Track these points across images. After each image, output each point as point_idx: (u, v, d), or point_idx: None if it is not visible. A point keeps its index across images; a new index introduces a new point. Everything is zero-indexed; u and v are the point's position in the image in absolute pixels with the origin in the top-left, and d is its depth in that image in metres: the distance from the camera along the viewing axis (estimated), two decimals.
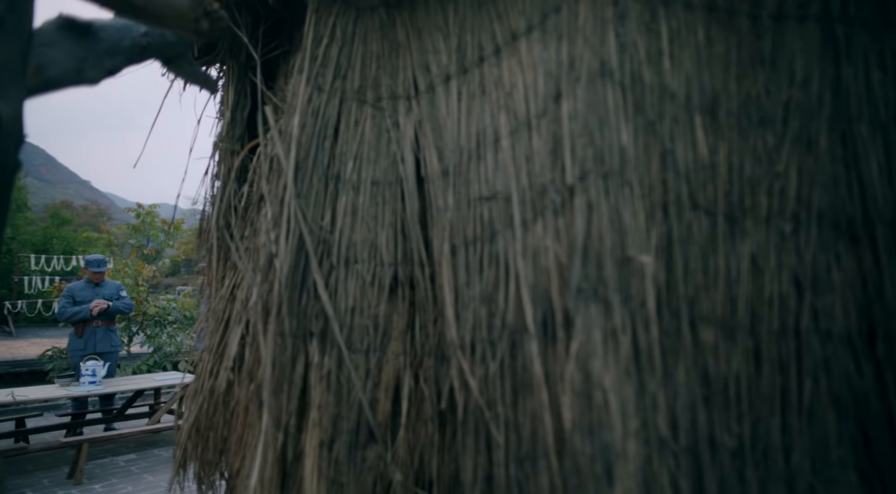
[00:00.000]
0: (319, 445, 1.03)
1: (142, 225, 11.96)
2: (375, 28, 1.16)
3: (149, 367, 9.17)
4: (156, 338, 10.02)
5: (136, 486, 4.49)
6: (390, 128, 1.12)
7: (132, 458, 5.30)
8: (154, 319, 10.30)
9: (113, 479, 4.68)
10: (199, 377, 1.39)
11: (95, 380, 5.35)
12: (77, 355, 5.91)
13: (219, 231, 1.45)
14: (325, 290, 1.05)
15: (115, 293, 6.23)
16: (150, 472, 4.86)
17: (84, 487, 4.44)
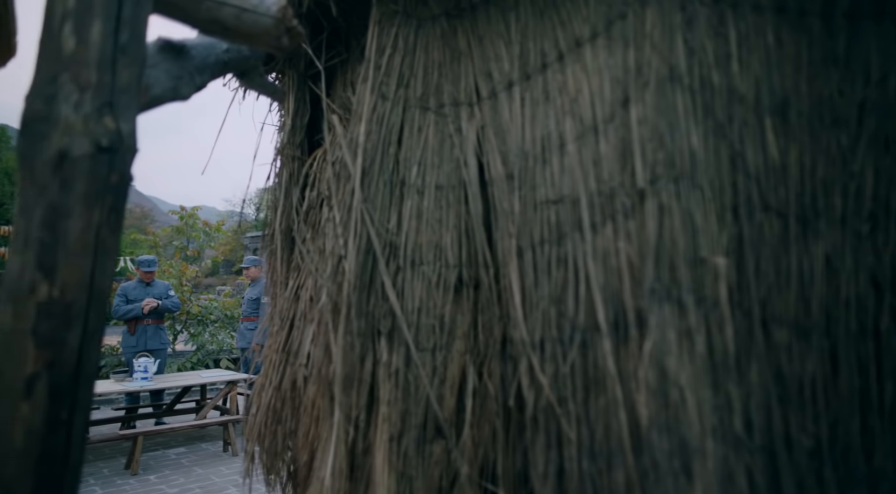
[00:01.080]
0: (389, 439, 1.07)
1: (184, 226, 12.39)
2: (437, 37, 1.20)
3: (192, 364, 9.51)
4: (199, 336, 10.35)
5: (187, 478, 4.68)
6: (453, 133, 1.16)
7: (182, 451, 5.52)
8: (197, 318, 10.65)
9: (166, 470, 4.88)
10: (266, 373, 1.46)
11: (147, 376, 5.60)
12: (130, 352, 6.20)
13: (282, 234, 1.52)
14: (392, 291, 1.10)
15: (164, 292, 6.51)
16: (199, 465, 5.05)
17: (140, 477, 4.66)
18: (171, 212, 12.65)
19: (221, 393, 5.91)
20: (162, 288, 6.52)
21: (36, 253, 0.70)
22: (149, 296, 6.23)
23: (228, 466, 5.03)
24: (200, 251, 13.85)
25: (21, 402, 0.70)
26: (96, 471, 4.85)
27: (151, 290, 6.35)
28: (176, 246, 12.74)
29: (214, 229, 11.96)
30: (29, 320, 0.70)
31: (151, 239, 12.51)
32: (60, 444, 0.73)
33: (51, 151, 0.69)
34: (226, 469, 4.92)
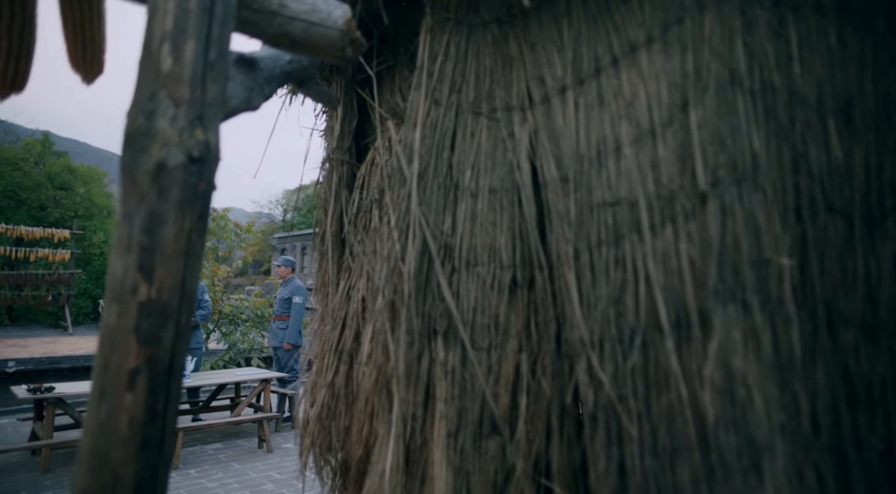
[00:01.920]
0: (447, 435, 1.11)
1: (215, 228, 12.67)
2: (488, 43, 1.23)
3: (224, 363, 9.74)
4: (230, 336, 10.57)
5: (225, 473, 4.81)
6: (506, 137, 1.19)
7: (219, 447, 5.67)
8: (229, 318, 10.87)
9: (205, 465, 5.03)
10: (319, 371, 1.51)
11: (186, 374, 5.77)
12: None
13: (333, 236, 1.57)
14: (449, 292, 1.13)
15: (199, 294, 6.69)
16: (236, 461, 5.19)
17: (181, 471, 4.81)
18: None
19: (255, 391, 6.05)
20: (199, 289, 6.71)
21: (137, 257, 0.75)
22: None
23: (264, 462, 5.15)
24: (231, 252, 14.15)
25: (125, 394, 0.75)
26: None
27: None
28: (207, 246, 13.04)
29: (245, 230, 12.21)
30: (132, 318, 0.75)
31: None
32: (157, 433, 0.78)
33: (150, 163, 0.74)
34: (261, 465, 5.04)
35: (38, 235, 16.86)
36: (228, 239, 12.44)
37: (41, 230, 17.02)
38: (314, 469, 1.63)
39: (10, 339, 15.33)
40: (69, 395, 5.07)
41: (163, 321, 0.77)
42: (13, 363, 11.99)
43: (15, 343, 14.67)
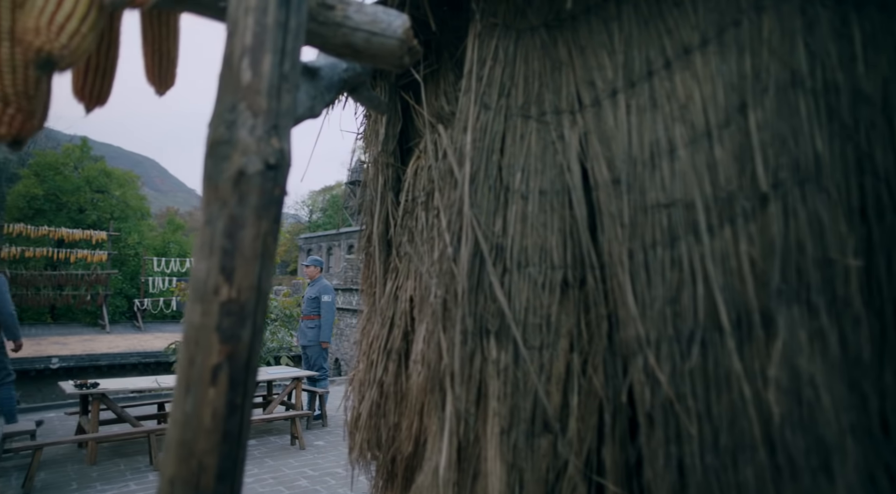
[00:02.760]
0: (500, 432, 1.13)
1: None
2: (536, 47, 1.25)
3: None
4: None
5: (260, 469, 4.93)
6: (555, 140, 1.20)
7: (253, 443, 5.80)
8: None
9: None
10: (367, 369, 1.55)
11: None
12: None
13: (379, 238, 1.61)
14: (501, 292, 1.16)
15: None
16: (269, 457, 5.30)
17: None
18: None
19: (287, 389, 6.17)
20: None
21: (219, 259, 0.80)
22: None
23: (297, 459, 5.25)
24: None
25: (209, 388, 0.80)
26: None
27: None
28: None
29: None
30: (214, 317, 0.80)
31: None
32: (236, 426, 0.83)
33: (232, 170, 0.79)
34: (294, 462, 5.14)
35: (78, 237, 17.51)
36: None
37: (80, 232, 17.68)
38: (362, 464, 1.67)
39: (52, 337, 15.96)
40: (111, 391, 5.26)
41: (242, 320, 0.81)
42: (56, 359, 12.49)
43: (57, 340, 15.26)
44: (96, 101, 0.96)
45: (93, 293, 17.99)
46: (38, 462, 4.24)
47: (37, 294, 17.00)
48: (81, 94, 0.95)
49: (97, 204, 21.20)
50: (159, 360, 13.41)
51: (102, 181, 21.36)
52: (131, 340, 16.00)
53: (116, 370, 13.24)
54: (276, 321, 11.19)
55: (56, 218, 19.88)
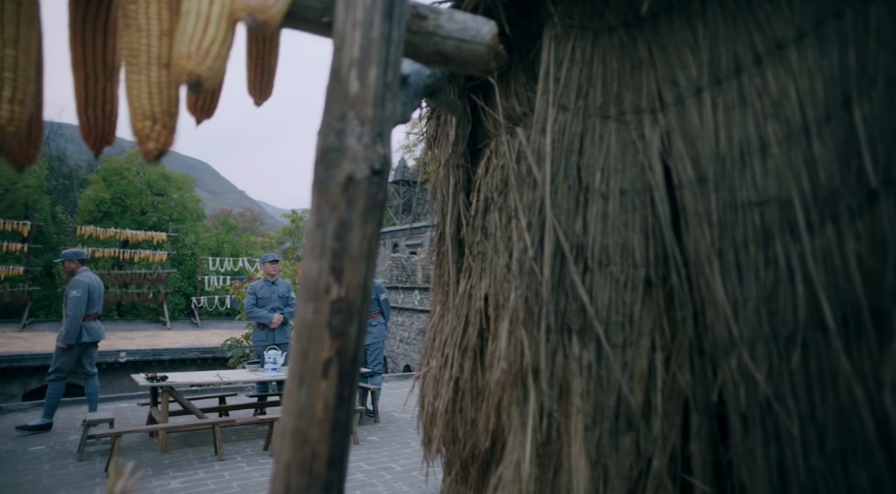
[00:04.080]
0: (584, 429, 1.14)
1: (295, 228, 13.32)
2: (614, 48, 1.25)
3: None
4: None
5: None
6: (636, 140, 1.20)
7: None
8: None
9: None
10: (442, 366, 1.59)
11: (276, 367, 6.15)
12: (260, 345, 6.82)
13: (451, 237, 1.65)
14: (584, 291, 1.17)
15: (286, 292, 7.06)
16: None
17: None
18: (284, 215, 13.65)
19: None
20: (284, 287, 7.08)
21: (329, 260, 0.85)
22: (274, 295, 6.82)
23: (352, 453, 5.39)
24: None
25: (321, 381, 0.85)
26: (240, 450, 5.41)
27: (276, 288, 6.93)
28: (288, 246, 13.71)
29: None
30: (325, 315, 0.85)
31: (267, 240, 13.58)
32: (344, 417, 0.88)
33: (342, 176, 0.84)
34: (350, 456, 5.28)
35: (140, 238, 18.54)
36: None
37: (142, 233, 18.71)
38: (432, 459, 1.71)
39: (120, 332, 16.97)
40: (178, 384, 5.55)
41: (350, 317, 0.86)
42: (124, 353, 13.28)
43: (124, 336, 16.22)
44: (206, 115, 1.04)
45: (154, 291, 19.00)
46: (117, 449, 4.54)
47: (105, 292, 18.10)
48: (194, 109, 1.03)
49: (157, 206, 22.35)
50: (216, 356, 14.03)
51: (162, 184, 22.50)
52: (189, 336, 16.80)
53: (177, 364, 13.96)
54: None
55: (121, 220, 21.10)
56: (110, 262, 19.15)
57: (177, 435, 5.74)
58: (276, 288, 6.95)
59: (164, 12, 0.76)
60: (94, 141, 0.97)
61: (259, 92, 1.10)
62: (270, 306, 6.81)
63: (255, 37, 1.02)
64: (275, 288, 6.94)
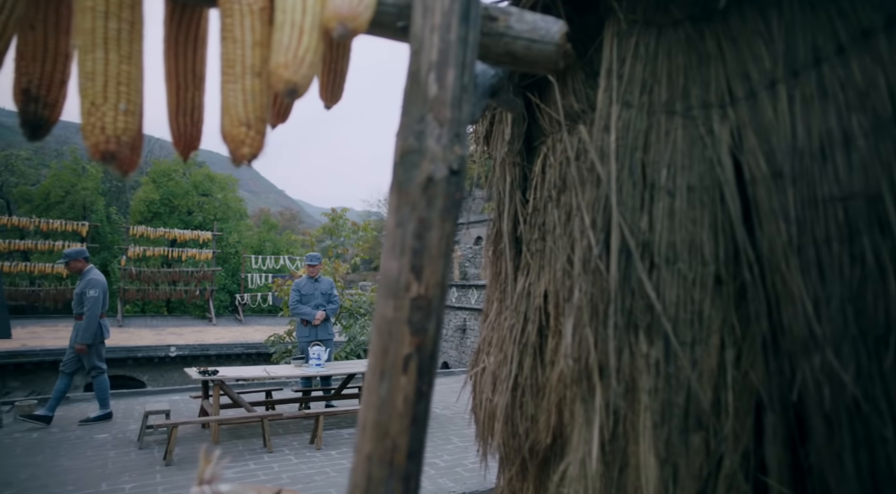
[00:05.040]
0: (653, 427, 1.14)
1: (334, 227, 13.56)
2: (680, 42, 1.24)
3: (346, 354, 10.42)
4: (350, 328, 11.24)
5: None
6: (704, 135, 1.18)
7: (353, 432, 6.11)
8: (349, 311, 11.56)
9: (343, 448, 5.46)
10: (501, 364, 1.60)
11: (320, 363, 6.29)
12: (304, 341, 7.01)
13: (508, 235, 1.66)
14: (651, 288, 1.16)
15: (328, 289, 7.21)
16: None
17: (324, 452, 5.27)
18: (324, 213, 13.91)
19: None
20: (327, 284, 7.23)
21: (409, 259, 0.88)
22: (317, 292, 6.99)
23: None
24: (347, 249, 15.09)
25: (401, 376, 0.88)
26: (287, 443, 5.58)
27: (319, 286, 7.09)
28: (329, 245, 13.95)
29: (362, 229, 12.96)
30: (405, 312, 0.88)
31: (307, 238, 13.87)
32: (422, 411, 0.91)
33: (421, 177, 0.86)
34: None
35: (187, 237, 19.29)
36: (348, 237, 13.25)
37: (189, 232, 19.45)
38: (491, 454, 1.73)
39: (169, 328, 17.72)
40: (227, 378, 5.76)
41: (429, 314, 0.89)
42: (174, 348, 13.86)
43: (174, 331, 16.92)
44: (282, 119, 1.09)
45: (201, 288, 19.72)
46: (175, 439, 4.75)
47: (156, 289, 18.93)
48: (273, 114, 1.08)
49: (203, 206, 23.17)
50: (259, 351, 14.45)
51: (207, 185, 23.32)
52: (234, 332, 17.37)
53: (223, 359, 14.45)
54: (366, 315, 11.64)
55: (169, 220, 21.99)
56: (160, 261, 19.99)
57: (227, 427, 5.96)
58: (318, 285, 7.11)
59: (258, 24, 0.80)
60: (184, 146, 1.03)
61: (331, 96, 1.14)
62: (313, 303, 6.98)
63: (330, 43, 1.05)
64: (317, 285, 7.10)
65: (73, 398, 7.43)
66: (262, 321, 20.31)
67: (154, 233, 18.50)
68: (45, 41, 0.84)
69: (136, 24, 0.78)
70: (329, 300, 7.13)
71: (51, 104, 0.85)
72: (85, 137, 0.76)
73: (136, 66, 0.78)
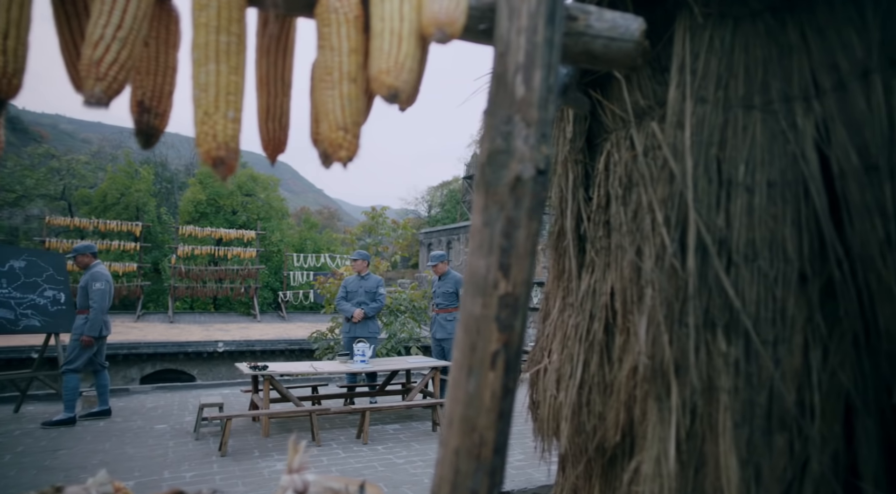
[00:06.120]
0: (734, 427, 1.12)
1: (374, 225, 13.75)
2: (759, 34, 1.21)
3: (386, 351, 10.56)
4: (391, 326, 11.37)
5: (408, 451, 5.26)
6: (786, 129, 1.16)
7: (397, 428, 6.20)
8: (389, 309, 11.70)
9: (389, 443, 5.55)
10: (566, 361, 1.61)
11: (365, 359, 6.40)
12: (346, 336, 7.15)
13: (572, 233, 1.66)
14: (730, 286, 1.14)
15: (373, 287, 7.31)
16: (415, 441, 5.63)
17: (370, 446, 5.37)
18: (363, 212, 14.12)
19: (426, 378, 6.49)
20: (373, 282, 7.33)
21: (497, 257, 0.90)
22: (362, 290, 7.11)
23: None
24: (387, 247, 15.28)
25: (489, 372, 0.90)
26: (335, 438, 5.71)
27: (364, 284, 7.21)
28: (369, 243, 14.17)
29: (401, 227, 13.10)
30: (493, 309, 0.90)
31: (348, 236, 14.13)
32: (508, 406, 0.93)
33: (509, 177, 0.88)
34: None
35: (232, 236, 19.95)
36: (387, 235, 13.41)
37: (234, 231, 20.12)
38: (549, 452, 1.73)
39: (217, 324, 18.38)
40: (276, 373, 5.94)
41: (516, 311, 0.91)
42: (221, 343, 14.39)
43: (221, 327, 17.55)
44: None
45: (245, 286, 20.36)
46: (229, 431, 4.94)
47: (203, 286, 19.66)
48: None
49: (246, 206, 23.90)
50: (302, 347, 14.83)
51: (250, 185, 24.04)
52: (278, 329, 17.87)
53: (268, 354, 14.90)
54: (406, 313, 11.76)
55: (215, 220, 22.79)
56: (207, 259, 20.74)
57: (276, 421, 6.14)
58: (364, 283, 7.22)
59: (353, 33, 0.83)
60: (272, 150, 1.08)
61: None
62: (356, 300, 7.11)
63: None
64: (363, 283, 7.21)
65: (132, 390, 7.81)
66: (304, 318, 20.81)
67: (201, 233, 19.22)
68: (157, 56, 0.90)
69: (241, 37, 0.83)
70: (373, 298, 7.23)
71: (161, 114, 0.91)
72: (198, 144, 0.81)
73: (242, 76, 0.83)
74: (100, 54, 0.74)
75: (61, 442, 5.15)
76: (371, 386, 7.58)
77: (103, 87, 0.75)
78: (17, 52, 0.71)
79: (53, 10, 0.88)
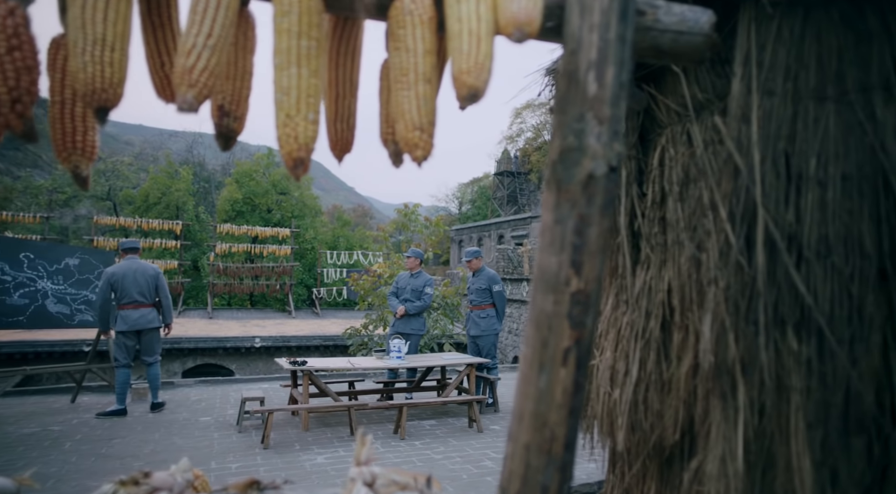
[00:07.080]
0: (807, 428, 1.09)
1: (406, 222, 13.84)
2: (833, 22, 1.17)
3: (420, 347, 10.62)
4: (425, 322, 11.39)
5: (445, 447, 5.30)
6: (863, 121, 1.12)
7: (433, 424, 6.25)
8: None
9: (426, 439, 5.60)
10: (621, 358, 1.59)
11: (400, 356, 6.46)
12: (391, 332, 7.24)
13: (626, 229, 1.64)
14: (801, 283, 1.11)
15: (421, 285, 7.34)
16: (452, 437, 5.67)
17: (408, 442, 5.43)
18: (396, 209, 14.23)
19: (461, 374, 6.51)
20: (421, 281, 7.35)
21: (569, 254, 0.90)
22: (408, 287, 7.18)
23: (478, 440, 5.54)
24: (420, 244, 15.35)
25: (560, 368, 0.91)
26: (372, 433, 5.79)
27: (413, 281, 7.27)
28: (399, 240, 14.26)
29: (434, 224, 13.15)
30: (565, 306, 0.90)
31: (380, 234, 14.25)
32: (578, 402, 0.93)
33: (582, 174, 0.88)
34: (476, 443, 5.43)
35: (268, 234, 20.42)
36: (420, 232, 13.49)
37: (269, 229, 20.58)
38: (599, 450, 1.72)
39: (253, 320, 18.87)
40: (314, 368, 6.06)
41: (587, 308, 0.91)
42: (258, 339, 14.76)
43: (257, 323, 18.00)
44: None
45: (280, 283, 20.82)
46: (271, 424, 5.08)
47: (240, 283, 20.20)
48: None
49: (281, 204, 24.41)
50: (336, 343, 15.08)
51: (284, 184, 24.54)
52: (312, 325, 18.21)
53: (303, 350, 15.21)
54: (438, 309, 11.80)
55: (251, 218, 23.36)
56: (243, 257, 21.30)
57: (314, 415, 6.28)
58: (413, 280, 7.28)
59: (427, 34, 0.85)
60: (340, 150, 1.10)
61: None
62: (403, 297, 7.21)
63: None
64: (412, 280, 7.27)
65: (177, 383, 8.10)
66: (338, 314, 21.14)
67: (238, 231, 19.73)
68: (235, 61, 0.93)
69: (321, 41, 0.85)
70: (418, 297, 7.27)
71: (239, 117, 0.95)
72: (280, 147, 0.84)
73: (321, 79, 0.85)
74: (192, 62, 0.77)
75: (115, 432, 5.39)
76: (408, 382, 7.65)
77: (195, 93, 0.78)
78: (121, 64, 0.75)
79: (141, 22, 0.92)
